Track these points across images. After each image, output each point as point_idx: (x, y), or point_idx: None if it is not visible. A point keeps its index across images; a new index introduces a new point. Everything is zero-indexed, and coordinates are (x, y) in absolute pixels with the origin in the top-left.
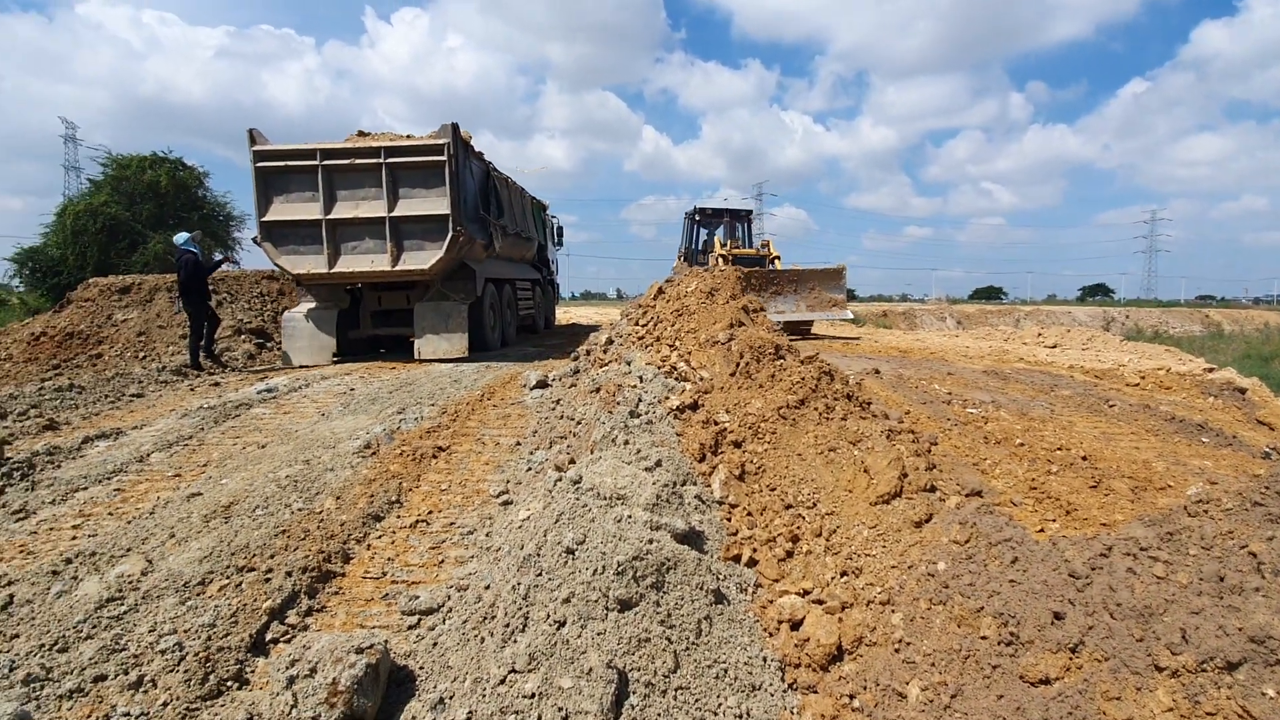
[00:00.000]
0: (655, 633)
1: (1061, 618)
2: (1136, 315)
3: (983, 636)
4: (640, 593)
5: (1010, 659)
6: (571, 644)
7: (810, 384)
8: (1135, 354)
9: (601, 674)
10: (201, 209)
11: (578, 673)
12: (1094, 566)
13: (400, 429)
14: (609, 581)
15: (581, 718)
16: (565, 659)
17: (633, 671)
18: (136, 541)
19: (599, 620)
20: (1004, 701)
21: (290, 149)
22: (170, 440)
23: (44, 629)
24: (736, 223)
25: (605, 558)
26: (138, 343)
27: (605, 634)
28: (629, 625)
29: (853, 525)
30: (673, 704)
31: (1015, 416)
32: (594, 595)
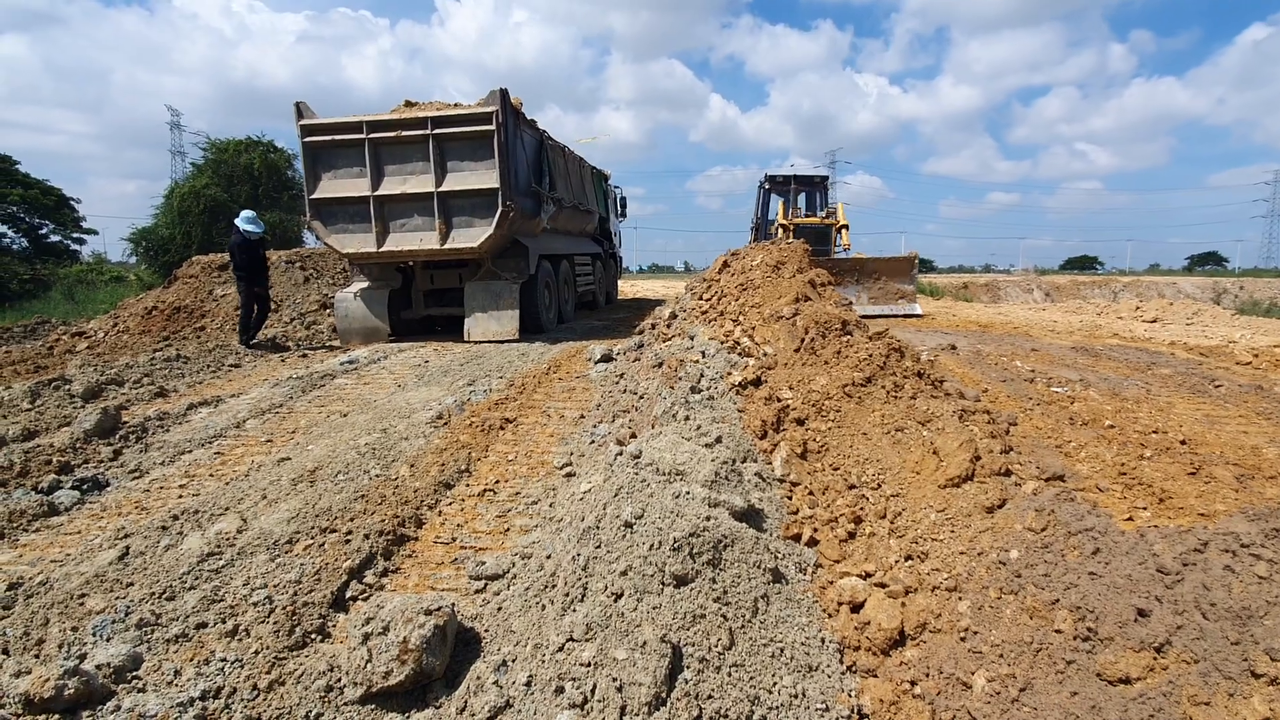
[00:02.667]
0: (710, 609)
1: (1146, 615)
2: (1252, 286)
3: (1057, 630)
4: (696, 569)
5: (1087, 655)
6: (627, 616)
7: (878, 361)
8: (1248, 329)
9: (655, 647)
10: (291, 189)
11: (632, 645)
12: (1186, 562)
13: (470, 401)
14: (665, 557)
15: (635, 689)
16: (621, 631)
17: (687, 647)
18: (233, 501)
19: (654, 595)
20: (1078, 699)
21: (336, 122)
22: (263, 408)
23: (154, 579)
24: (810, 190)
25: (662, 533)
26: (235, 316)
27: (660, 608)
28: (684, 601)
29: (919, 508)
30: (726, 680)
31: (1106, 396)
32: (650, 570)
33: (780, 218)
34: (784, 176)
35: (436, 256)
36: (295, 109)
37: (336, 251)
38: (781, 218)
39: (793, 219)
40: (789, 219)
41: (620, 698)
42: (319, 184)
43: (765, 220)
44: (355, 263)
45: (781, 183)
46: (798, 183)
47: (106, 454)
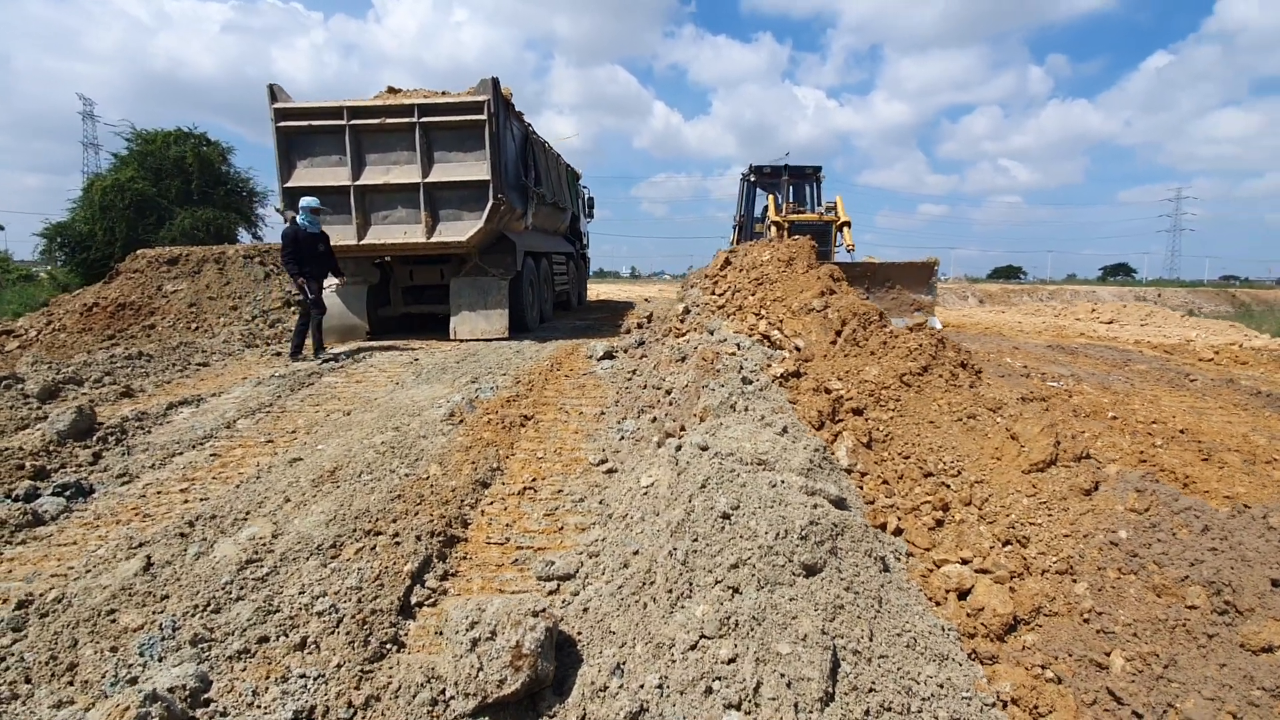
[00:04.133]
0: (847, 599)
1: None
2: (1168, 296)
3: (1190, 606)
4: (822, 558)
5: (1227, 628)
6: (767, 609)
7: (929, 351)
8: (1198, 329)
9: (817, 640)
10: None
11: (794, 639)
12: None
13: (479, 398)
14: (793, 546)
15: (805, 685)
16: (777, 624)
17: (837, 639)
18: (253, 505)
19: (786, 586)
20: (1226, 670)
21: (314, 106)
22: (252, 407)
23: (193, 590)
24: (802, 183)
25: (785, 521)
26: (189, 313)
27: (798, 599)
28: (820, 591)
29: (1007, 494)
30: (879, 672)
31: (1098, 390)
32: (779, 560)
33: (772, 214)
34: (772, 168)
35: (422, 250)
36: (269, 91)
37: None
38: (774, 214)
39: (787, 215)
40: (783, 215)
41: (792, 694)
42: (294, 172)
43: (751, 217)
44: None
45: (769, 175)
46: (789, 175)
47: (85, 457)
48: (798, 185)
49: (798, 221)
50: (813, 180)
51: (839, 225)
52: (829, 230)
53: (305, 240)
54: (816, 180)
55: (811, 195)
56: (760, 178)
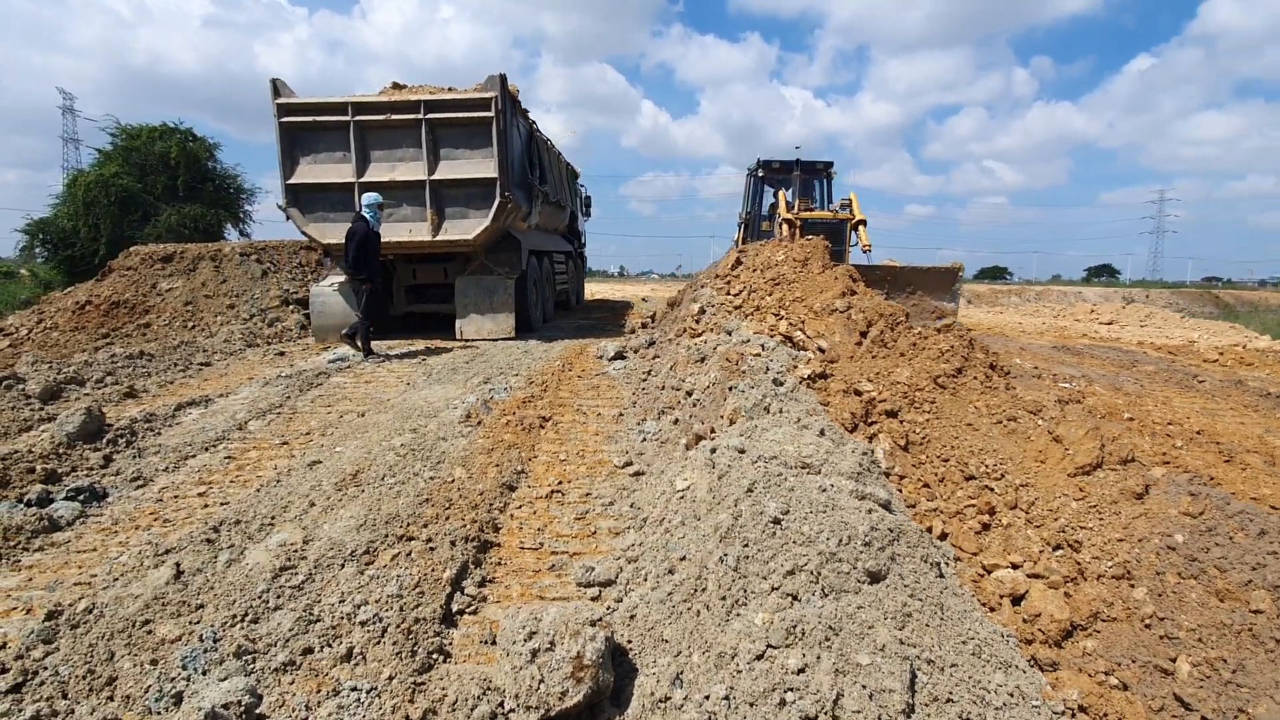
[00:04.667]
0: (914, 607)
1: None
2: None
3: (1255, 610)
4: (885, 565)
5: None
6: (856, 618)
7: (961, 352)
8: (1201, 330)
9: (896, 649)
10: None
11: (873, 649)
12: None
13: (494, 398)
14: (857, 552)
15: (888, 696)
16: (855, 634)
17: (910, 648)
18: (277, 510)
19: (852, 594)
20: None
21: (318, 102)
22: (262, 409)
23: (228, 599)
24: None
25: (848, 527)
26: (185, 312)
27: (866, 608)
28: (887, 599)
29: (1053, 497)
30: (954, 682)
31: (1110, 392)
32: (843, 567)
33: (783, 211)
34: (782, 163)
35: (427, 249)
36: (271, 86)
37: (316, 242)
38: (785, 211)
39: (799, 213)
40: (794, 212)
41: (875, 707)
42: (296, 168)
43: (758, 214)
44: (336, 254)
45: (779, 170)
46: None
47: (96, 460)
48: (806, 181)
49: (810, 219)
50: (823, 176)
51: (854, 224)
52: (843, 229)
53: (373, 240)
54: (828, 176)
55: (822, 192)
56: (769, 173)
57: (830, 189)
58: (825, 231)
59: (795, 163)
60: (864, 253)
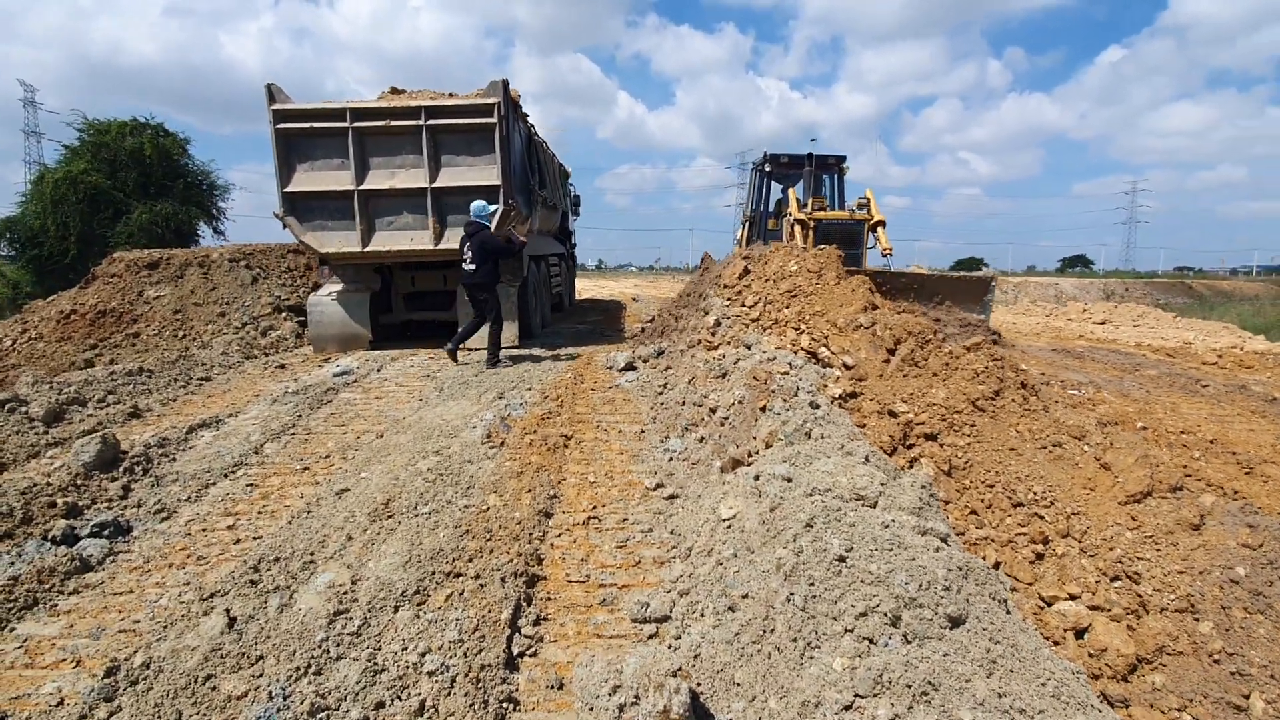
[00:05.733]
0: (997, 652)
1: None
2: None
3: None
4: (964, 608)
5: None
6: (952, 670)
7: (996, 373)
8: (1195, 330)
9: (995, 703)
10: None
11: (974, 702)
12: None
13: (511, 415)
14: (938, 596)
15: None
16: (954, 688)
17: (1004, 697)
18: (315, 545)
19: (935, 640)
20: None
21: (315, 108)
22: (275, 429)
23: (288, 649)
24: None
25: (926, 572)
26: (174, 321)
27: (952, 655)
28: (971, 645)
29: (1106, 525)
30: None
31: (1119, 398)
32: (925, 613)
33: (795, 211)
34: (791, 158)
35: (429, 257)
36: (267, 91)
37: (314, 251)
38: (797, 210)
39: (813, 213)
40: (807, 212)
41: None
42: (293, 175)
43: (764, 212)
44: (333, 263)
45: (788, 166)
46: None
47: (115, 491)
48: (817, 178)
49: (825, 220)
50: (834, 172)
51: (872, 225)
52: (860, 230)
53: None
54: (839, 172)
55: (833, 189)
56: (776, 168)
57: (842, 186)
58: (841, 233)
59: (807, 157)
60: (884, 256)
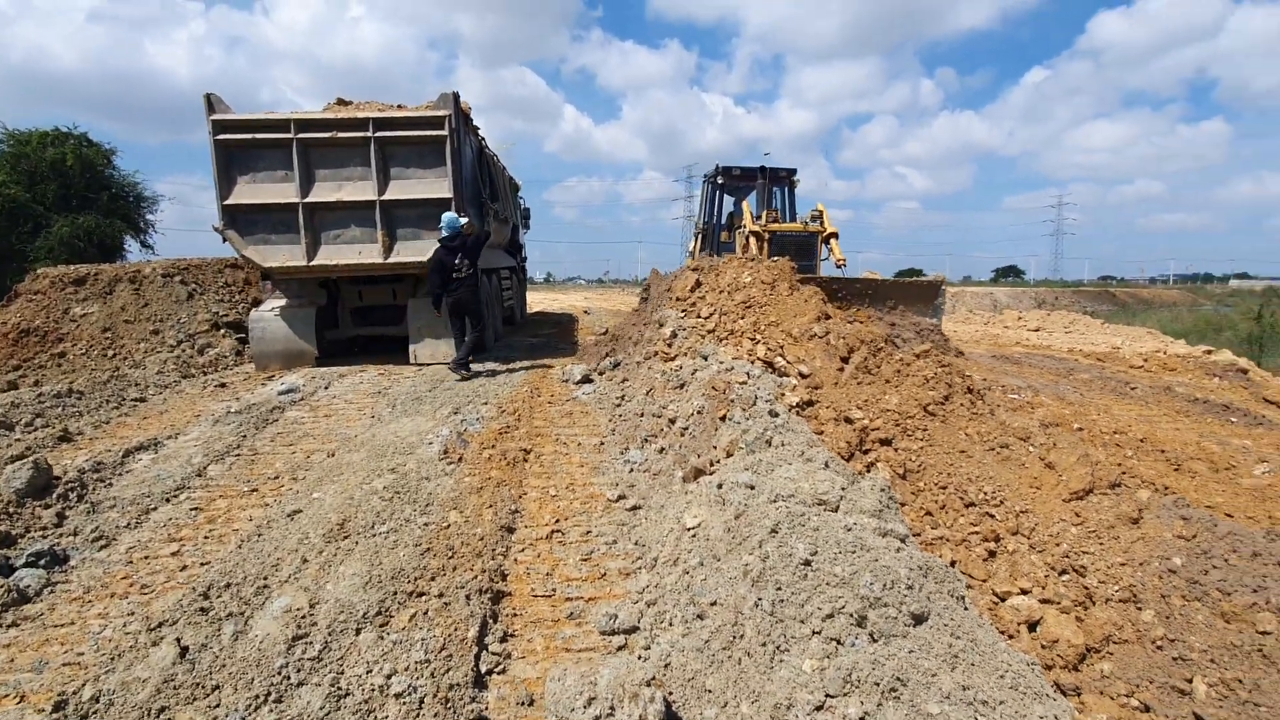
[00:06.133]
0: (959, 646)
1: None
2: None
3: (1263, 631)
4: (926, 605)
5: None
6: (918, 665)
7: (945, 379)
8: (1121, 336)
9: (961, 696)
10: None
11: (940, 696)
12: None
13: (468, 430)
14: (902, 595)
15: None
16: (921, 683)
17: (968, 690)
18: (268, 569)
19: (900, 637)
20: None
21: (257, 119)
22: (219, 450)
23: (246, 678)
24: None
25: (890, 571)
26: (104, 340)
27: (917, 651)
28: (935, 641)
29: (1053, 522)
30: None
31: (1055, 401)
32: (889, 611)
33: (749, 223)
34: (743, 170)
35: (378, 272)
36: (205, 101)
37: (257, 265)
38: (751, 223)
39: (768, 224)
40: (762, 224)
41: None
42: (234, 188)
43: (717, 225)
44: (277, 278)
45: (740, 178)
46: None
47: (49, 519)
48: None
49: (780, 232)
50: (786, 184)
51: (825, 237)
52: (814, 242)
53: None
54: (790, 185)
55: (784, 201)
56: (729, 180)
57: (793, 198)
58: (796, 245)
59: (759, 170)
60: (838, 267)
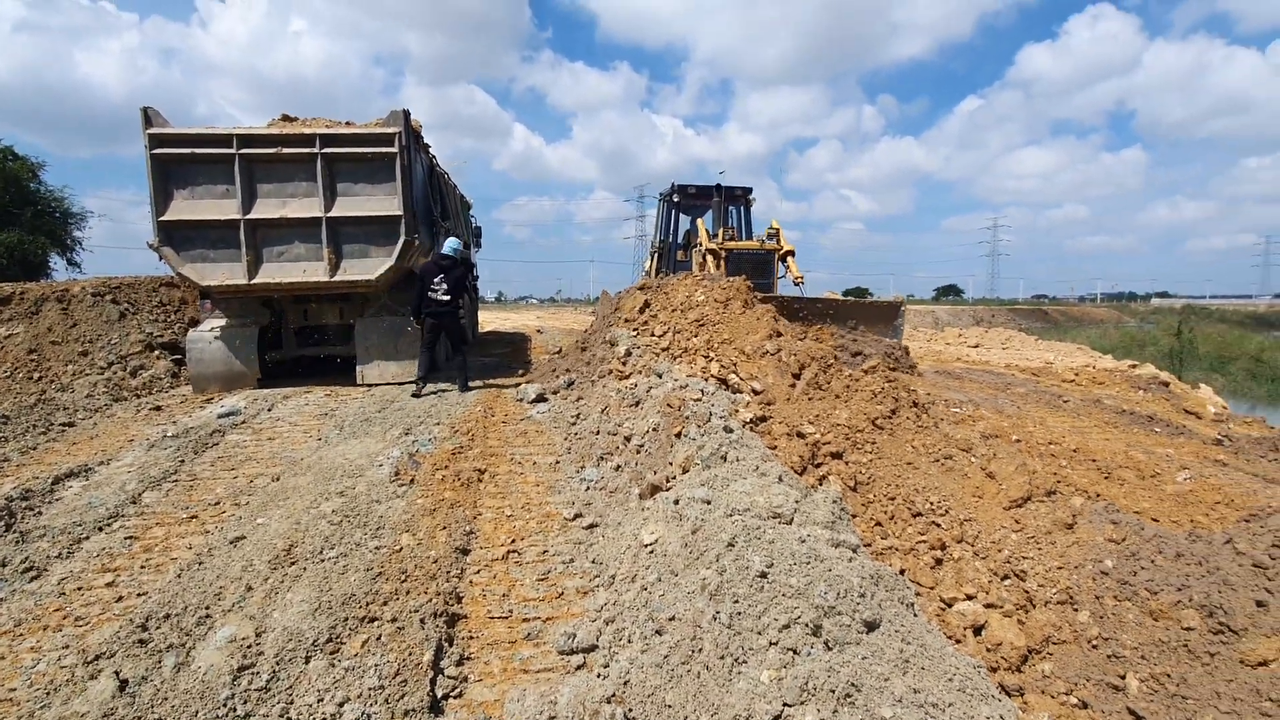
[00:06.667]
0: (909, 651)
1: (1265, 605)
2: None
3: (1187, 628)
4: (877, 613)
5: (1225, 646)
6: (872, 670)
7: (892, 393)
8: (1054, 352)
9: (911, 699)
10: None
11: (893, 700)
12: (1273, 556)
13: (420, 451)
14: (855, 603)
15: None
16: (875, 688)
17: (915, 694)
18: (209, 598)
19: (854, 645)
20: (1234, 685)
21: (198, 134)
22: (155, 476)
23: (189, 710)
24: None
25: (843, 580)
26: (29, 362)
27: (870, 658)
28: (887, 647)
29: (994, 529)
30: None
31: (994, 414)
32: (844, 619)
33: (705, 241)
34: (699, 188)
35: (323, 290)
36: (142, 115)
37: (194, 283)
38: (707, 241)
39: (724, 243)
40: (718, 242)
41: None
42: (170, 203)
43: (674, 243)
44: (216, 296)
45: (696, 196)
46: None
47: None
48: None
49: (737, 250)
50: (742, 203)
51: (782, 255)
52: (771, 260)
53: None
54: (747, 203)
55: (740, 219)
56: (685, 199)
57: (749, 216)
58: (753, 263)
59: (715, 188)
60: (796, 285)
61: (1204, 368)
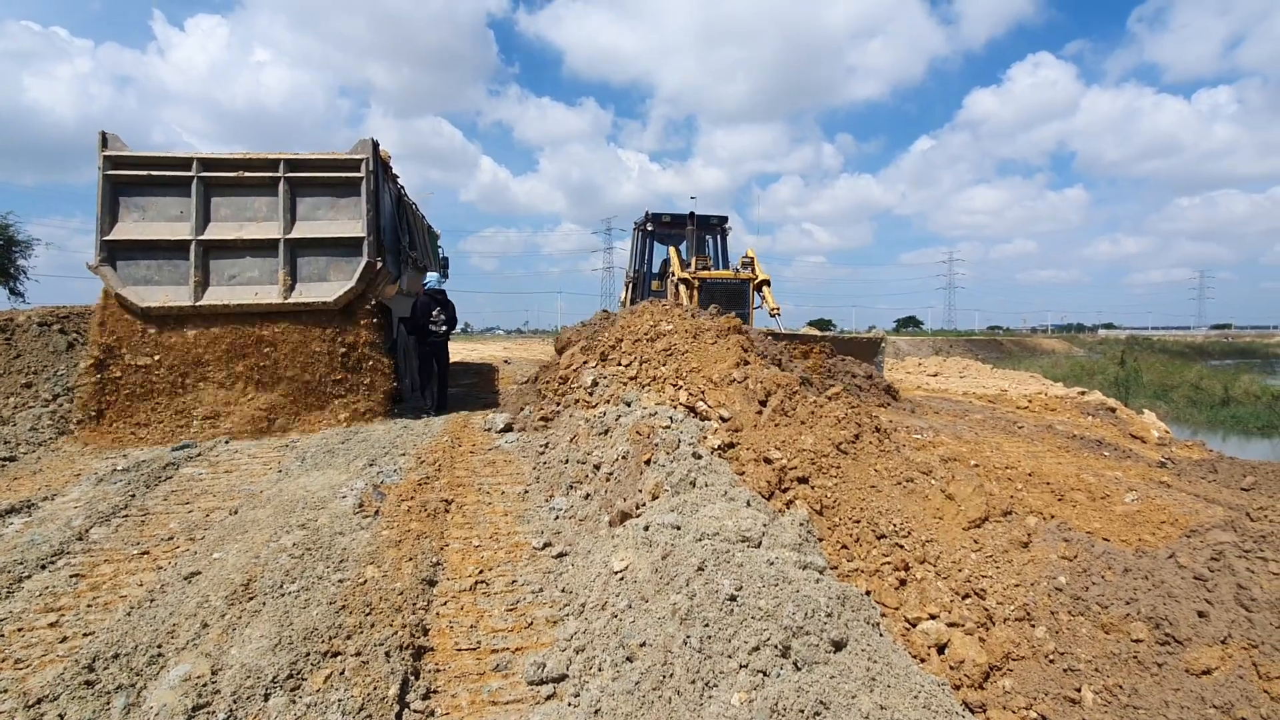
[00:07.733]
0: (876, 670)
1: (1206, 615)
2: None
3: (1136, 640)
4: (844, 632)
5: (1171, 656)
6: (840, 689)
7: (855, 419)
8: (1008, 380)
9: (878, 716)
10: None
11: (859, 718)
12: (1212, 569)
13: (385, 483)
14: (822, 624)
15: None
16: (843, 705)
17: (886, 711)
18: (162, 636)
19: (822, 664)
20: (1180, 693)
21: (158, 157)
22: (103, 511)
23: None
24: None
25: (810, 601)
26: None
27: (838, 677)
28: (854, 666)
29: (955, 549)
30: None
31: (953, 440)
32: (812, 639)
33: (678, 270)
34: (673, 217)
35: (275, 313)
36: (100, 138)
37: (132, 305)
38: (680, 270)
39: (697, 272)
40: (691, 271)
41: None
42: (117, 223)
43: (648, 272)
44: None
45: (670, 225)
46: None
47: None
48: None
49: (710, 279)
50: (717, 232)
51: (757, 284)
52: (745, 290)
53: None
54: (721, 232)
55: (715, 248)
56: (659, 227)
57: (725, 245)
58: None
59: (689, 216)
60: (772, 315)
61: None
